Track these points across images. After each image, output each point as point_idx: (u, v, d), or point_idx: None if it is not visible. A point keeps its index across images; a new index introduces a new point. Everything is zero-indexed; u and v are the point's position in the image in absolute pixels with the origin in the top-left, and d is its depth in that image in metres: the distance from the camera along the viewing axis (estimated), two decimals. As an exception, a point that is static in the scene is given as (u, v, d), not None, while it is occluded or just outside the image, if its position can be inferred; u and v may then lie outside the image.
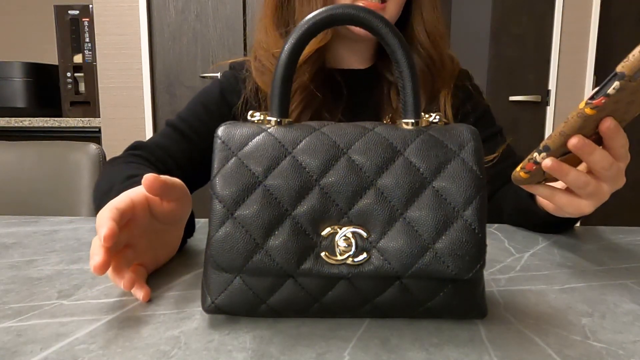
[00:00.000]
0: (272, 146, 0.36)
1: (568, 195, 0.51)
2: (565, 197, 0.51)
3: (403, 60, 0.37)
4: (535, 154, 0.47)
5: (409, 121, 0.37)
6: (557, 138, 0.45)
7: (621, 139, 0.46)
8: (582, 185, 0.48)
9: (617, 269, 0.52)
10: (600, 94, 0.41)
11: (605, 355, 0.33)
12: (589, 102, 0.42)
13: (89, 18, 2.35)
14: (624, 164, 0.49)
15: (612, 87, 0.40)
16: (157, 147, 0.77)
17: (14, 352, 0.32)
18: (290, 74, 0.38)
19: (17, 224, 0.68)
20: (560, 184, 0.52)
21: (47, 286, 0.44)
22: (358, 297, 0.36)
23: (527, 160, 0.47)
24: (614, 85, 0.40)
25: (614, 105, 0.43)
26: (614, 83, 0.40)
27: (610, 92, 0.40)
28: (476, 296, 0.37)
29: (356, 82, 0.81)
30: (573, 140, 0.44)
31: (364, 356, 0.32)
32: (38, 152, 1.10)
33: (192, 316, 0.38)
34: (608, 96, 0.41)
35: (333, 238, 0.34)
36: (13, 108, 2.39)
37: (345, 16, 0.37)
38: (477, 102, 0.85)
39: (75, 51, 2.38)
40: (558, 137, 0.45)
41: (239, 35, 2.32)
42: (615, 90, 0.40)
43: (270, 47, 0.77)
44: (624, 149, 0.47)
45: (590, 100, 0.42)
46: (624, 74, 0.39)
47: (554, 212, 0.58)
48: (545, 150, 0.46)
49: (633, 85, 0.40)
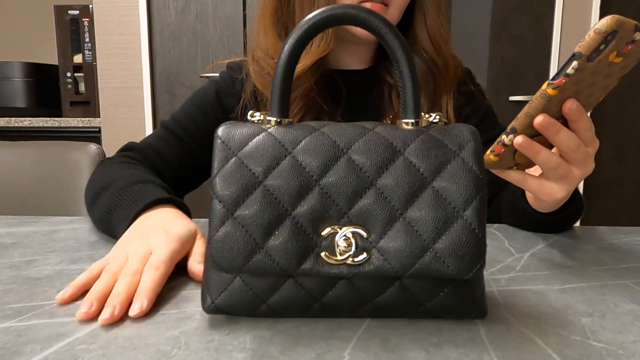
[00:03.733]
0: (272, 146, 0.36)
1: (539, 179, 0.52)
2: (536, 181, 0.52)
3: (403, 60, 0.37)
4: (503, 137, 0.48)
5: (409, 121, 0.37)
6: (522, 119, 0.46)
7: (585, 122, 0.47)
8: (554, 166, 0.49)
9: (617, 269, 0.52)
10: (560, 74, 0.42)
11: (605, 355, 0.33)
12: (550, 82, 0.43)
13: (89, 18, 2.34)
14: (593, 149, 0.50)
15: (571, 66, 0.41)
16: (149, 149, 0.77)
17: (14, 352, 0.32)
18: (290, 74, 0.38)
19: (17, 224, 0.68)
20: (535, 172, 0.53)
21: (47, 286, 0.44)
22: (358, 297, 0.36)
23: (496, 143, 0.49)
24: (572, 65, 0.41)
25: (575, 87, 0.44)
26: (573, 63, 0.41)
27: (569, 71, 0.42)
28: (476, 296, 0.37)
29: (355, 83, 0.80)
30: (538, 119, 0.45)
31: (364, 356, 0.32)
32: (38, 152, 1.10)
33: (192, 316, 0.38)
34: (568, 76, 0.42)
35: (333, 238, 0.34)
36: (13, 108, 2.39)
37: (346, 16, 0.37)
38: (479, 103, 0.85)
39: (75, 51, 2.38)
40: (523, 118, 0.46)
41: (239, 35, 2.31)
42: (574, 70, 0.41)
43: (269, 49, 0.77)
44: (589, 133, 0.48)
45: (551, 81, 0.43)
46: (581, 53, 0.41)
47: (534, 205, 0.60)
48: (513, 132, 0.47)
49: (591, 65, 0.42)
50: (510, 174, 0.53)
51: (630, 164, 2.55)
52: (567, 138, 0.47)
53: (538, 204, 0.59)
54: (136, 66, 2.33)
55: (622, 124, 2.49)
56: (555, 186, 0.52)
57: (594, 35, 0.40)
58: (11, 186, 1.07)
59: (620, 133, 2.51)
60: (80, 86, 2.43)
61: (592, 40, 0.40)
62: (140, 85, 2.34)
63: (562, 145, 0.48)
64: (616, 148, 2.51)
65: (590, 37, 0.40)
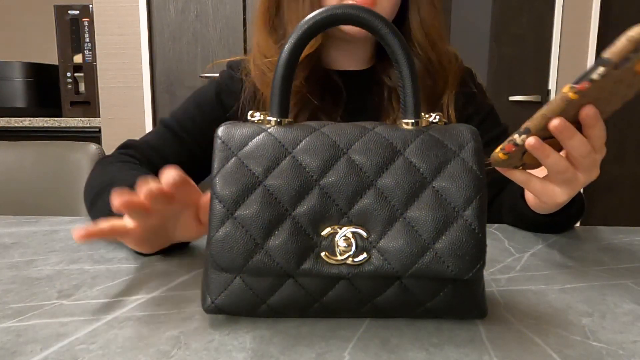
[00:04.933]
0: (272, 146, 0.36)
1: (543, 182, 0.52)
2: (540, 183, 0.52)
3: (403, 60, 0.37)
4: (515, 136, 0.47)
5: (409, 121, 0.37)
6: (538, 120, 0.45)
7: (600, 129, 0.46)
8: (562, 170, 0.48)
9: (617, 269, 0.52)
10: (584, 79, 0.41)
11: (605, 355, 0.33)
12: (573, 86, 0.42)
13: (89, 18, 2.35)
14: (600, 156, 0.49)
15: (597, 72, 0.40)
16: (148, 147, 0.77)
17: (14, 352, 0.32)
18: (290, 74, 0.38)
19: (17, 224, 0.68)
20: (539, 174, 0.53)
21: (47, 286, 0.44)
22: (358, 297, 0.36)
23: (507, 142, 0.48)
24: (598, 70, 0.40)
25: (597, 93, 0.42)
26: (599, 69, 0.40)
27: (594, 77, 0.40)
28: (476, 296, 0.37)
29: (353, 83, 0.80)
30: (555, 122, 0.44)
31: (364, 356, 0.32)
32: (38, 152, 1.10)
33: (192, 316, 0.38)
34: (592, 81, 0.40)
35: (333, 238, 0.34)
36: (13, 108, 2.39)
37: (346, 16, 0.37)
38: (481, 103, 0.84)
39: (75, 51, 2.38)
40: (540, 119, 0.45)
41: (239, 35, 2.32)
42: (600, 76, 0.40)
43: (261, 47, 0.77)
44: (601, 141, 0.47)
45: (574, 85, 0.41)
46: (610, 60, 0.39)
47: (534, 206, 0.59)
48: (526, 133, 0.46)
49: (617, 73, 0.40)
50: (515, 173, 0.52)
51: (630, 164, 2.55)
52: (579, 144, 0.46)
53: (538, 206, 0.59)
54: (136, 66, 2.33)
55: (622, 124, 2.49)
56: (558, 190, 0.51)
57: (626, 42, 0.38)
58: (11, 186, 1.07)
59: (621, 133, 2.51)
60: (80, 86, 2.43)
61: (623, 48, 0.38)
62: (140, 85, 2.35)
63: (574, 151, 0.47)
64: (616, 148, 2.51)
65: (622, 44, 0.38)
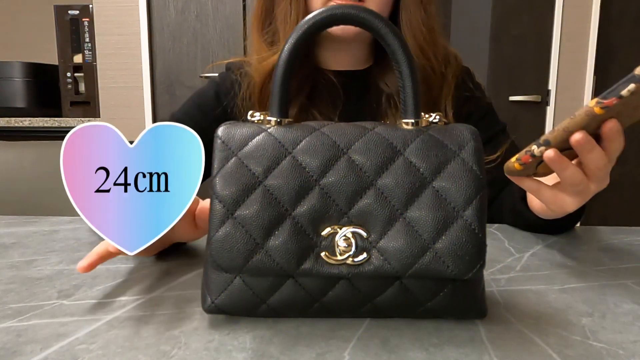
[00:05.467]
0: (272, 146, 0.36)
1: (553, 191, 0.52)
2: (550, 192, 0.52)
3: (403, 60, 0.37)
4: (533, 147, 0.47)
5: (409, 121, 0.37)
6: (560, 133, 0.45)
7: (620, 143, 0.46)
8: (577, 183, 0.48)
9: (617, 269, 0.52)
10: (612, 95, 0.40)
11: (605, 355, 0.33)
12: (599, 101, 0.41)
13: (89, 18, 2.34)
14: (611, 166, 0.49)
15: (627, 89, 0.39)
16: None
17: (14, 352, 0.32)
18: (290, 74, 0.38)
19: (17, 224, 0.68)
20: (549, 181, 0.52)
21: (47, 286, 0.44)
22: (358, 297, 0.36)
23: (524, 152, 0.47)
24: (629, 87, 0.39)
25: (621, 108, 0.42)
26: (630, 85, 0.39)
27: (624, 93, 0.40)
28: (476, 296, 0.37)
29: (350, 83, 0.79)
30: (577, 136, 0.44)
31: (364, 356, 0.32)
32: (38, 152, 1.10)
33: (192, 316, 0.38)
34: (621, 97, 0.40)
35: (333, 238, 0.34)
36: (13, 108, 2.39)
37: (345, 16, 0.37)
38: (479, 102, 0.84)
39: (75, 51, 2.38)
40: (561, 133, 0.45)
41: (239, 35, 2.31)
42: (630, 92, 0.39)
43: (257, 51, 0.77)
44: (617, 154, 0.47)
45: (601, 100, 0.41)
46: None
47: (540, 212, 0.59)
48: (545, 145, 0.46)
49: None
50: (525, 181, 0.52)
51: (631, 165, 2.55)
52: (598, 157, 0.46)
53: (545, 212, 0.58)
54: (136, 66, 2.33)
55: (622, 124, 2.49)
56: (569, 199, 0.51)
57: None
58: (11, 186, 1.07)
59: (620, 133, 2.50)
60: (80, 86, 2.43)
61: None
62: (140, 85, 2.35)
63: (591, 163, 0.47)
64: (616, 148, 2.50)
65: None
